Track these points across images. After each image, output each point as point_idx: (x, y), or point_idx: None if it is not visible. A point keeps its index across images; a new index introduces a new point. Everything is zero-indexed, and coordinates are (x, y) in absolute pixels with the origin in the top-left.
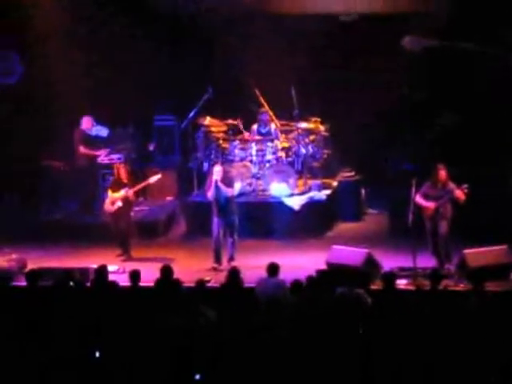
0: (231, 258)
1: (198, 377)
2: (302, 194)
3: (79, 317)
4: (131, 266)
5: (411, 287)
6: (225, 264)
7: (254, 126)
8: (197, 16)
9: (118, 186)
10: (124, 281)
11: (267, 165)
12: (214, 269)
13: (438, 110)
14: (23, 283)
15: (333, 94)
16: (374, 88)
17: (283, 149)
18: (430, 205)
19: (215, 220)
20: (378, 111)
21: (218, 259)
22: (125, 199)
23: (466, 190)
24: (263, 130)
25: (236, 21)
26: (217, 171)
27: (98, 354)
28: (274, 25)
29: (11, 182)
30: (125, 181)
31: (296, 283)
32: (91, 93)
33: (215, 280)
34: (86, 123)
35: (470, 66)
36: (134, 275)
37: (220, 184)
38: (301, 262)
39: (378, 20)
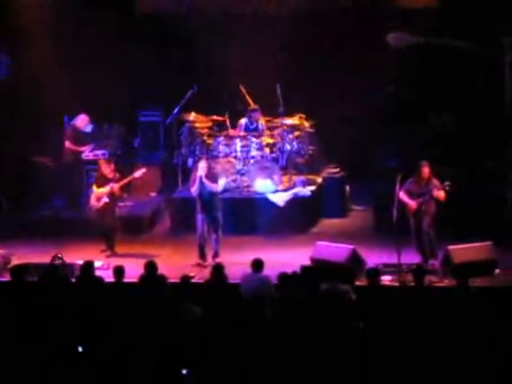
0: (216, 254)
1: (184, 372)
2: (287, 190)
3: (65, 312)
4: (116, 261)
5: (395, 283)
6: (209, 260)
7: (242, 121)
8: (180, 14)
9: (102, 181)
10: (109, 276)
11: (252, 161)
12: (199, 265)
13: (424, 107)
14: (8, 278)
15: (318, 90)
16: (360, 85)
17: (268, 145)
18: (412, 202)
19: (199, 216)
20: (363, 108)
21: (202, 255)
22: (110, 195)
23: (448, 188)
24: (251, 126)
25: (219, 18)
26: (201, 167)
27: (81, 349)
28: (258, 22)
29: None
30: (109, 176)
31: (282, 278)
32: (77, 89)
33: (199, 276)
34: (82, 121)
35: (456, 63)
36: (118, 271)
37: (204, 180)
38: (285, 258)
39: (364, 16)
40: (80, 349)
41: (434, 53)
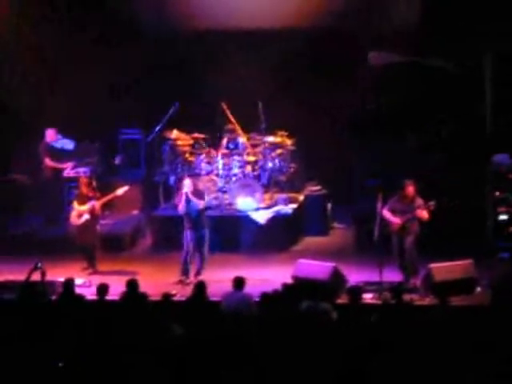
0: (198, 273)
1: None
2: (269, 207)
3: (46, 329)
4: (97, 279)
5: (377, 301)
6: (191, 278)
7: (223, 140)
8: (164, 33)
9: (83, 199)
10: (90, 294)
11: (233, 179)
12: (181, 282)
13: (404, 125)
14: None
15: (299, 108)
16: (341, 102)
17: (250, 163)
18: (397, 220)
19: (188, 232)
20: (344, 125)
21: (185, 272)
22: (92, 212)
23: (432, 207)
24: (232, 145)
25: (202, 37)
26: (187, 184)
27: (62, 366)
28: (240, 41)
29: None
30: (90, 194)
31: (263, 296)
32: (57, 106)
33: (181, 294)
34: (50, 135)
35: (436, 81)
36: (102, 289)
37: (191, 196)
38: (267, 276)
39: (344, 34)
40: (61, 365)
41: (415, 71)
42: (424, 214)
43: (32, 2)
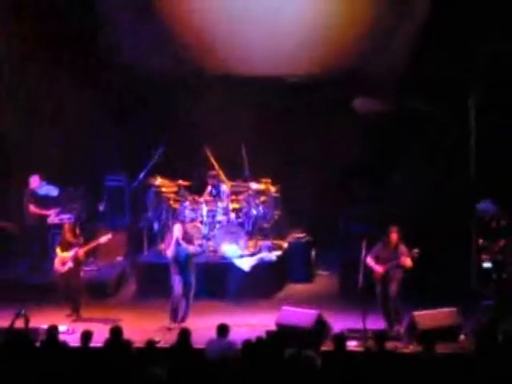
0: (183, 319)
1: None
2: (253, 254)
3: (29, 377)
4: (81, 326)
5: (361, 349)
6: (175, 324)
7: (206, 187)
8: (146, 77)
9: (67, 245)
10: (74, 341)
11: (218, 225)
12: (169, 329)
13: (388, 171)
14: None
15: (283, 155)
16: (325, 148)
17: (234, 210)
18: (379, 268)
19: (176, 278)
20: (328, 171)
21: (174, 317)
22: (75, 259)
23: (416, 255)
24: (214, 192)
25: (186, 82)
26: (177, 228)
27: None
28: (223, 85)
29: None
30: (73, 240)
31: (247, 344)
32: (42, 152)
33: (165, 341)
34: (34, 182)
35: (421, 127)
36: (86, 336)
37: (182, 241)
38: (251, 323)
39: (328, 81)
40: None
41: (400, 118)
42: (407, 262)
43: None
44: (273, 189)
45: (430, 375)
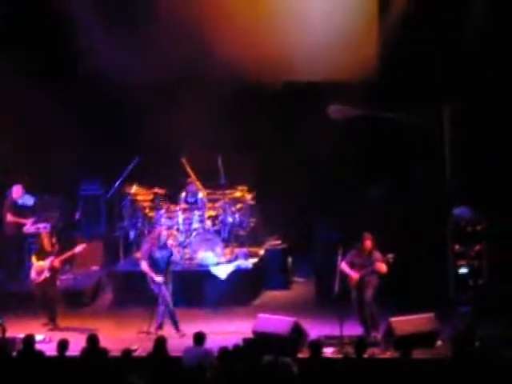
0: (160, 326)
1: None
2: (229, 262)
3: None
4: (58, 335)
5: (338, 355)
6: (153, 331)
7: (182, 195)
8: (122, 85)
9: (42, 254)
10: (50, 350)
11: (194, 233)
12: (183, 335)
13: (361, 178)
14: None
15: (260, 163)
16: (301, 155)
17: (210, 217)
18: (355, 274)
19: (162, 288)
20: (303, 179)
21: (177, 326)
22: (51, 268)
23: (391, 260)
24: (190, 200)
25: (162, 89)
26: (173, 234)
27: None
28: (200, 92)
29: None
30: (49, 249)
31: (223, 351)
32: (17, 160)
33: (142, 349)
34: (17, 192)
35: (396, 134)
36: (62, 345)
37: (173, 247)
38: (228, 330)
39: (305, 88)
40: None
41: (374, 125)
42: (382, 268)
43: None
44: (249, 196)
45: (407, 381)
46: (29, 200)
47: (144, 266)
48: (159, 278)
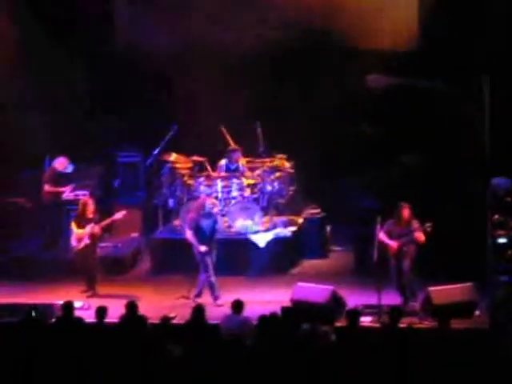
0: (199, 295)
1: None
2: (268, 230)
3: (46, 352)
4: (96, 302)
5: (375, 324)
6: (191, 300)
7: (222, 162)
8: (159, 52)
9: (83, 221)
10: (89, 317)
11: (233, 201)
12: (218, 305)
13: (399, 147)
14: None
15: (298, 131)
16: (336, 124)
17: (249, 186)
18: (393, 243)
19: (207, 257)
20: (340, 148)
21: (215, 297)
22: (91, 236)
23: (429, 229)
24: (232, 167)
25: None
26: (212, 203)
27: None
28: (234, 62)
29: None
30: (90, 216)
31: (262, 320)
32: (55, 129)
33: (180, 317)
34: (61, 164)
35: (432, 105)
36: (101, 311)
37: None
38: (266, 299)
39: (341, 54)
40: None
41: (412, 94)
42: (421, 237)
43: None
44: (287, 164)
45: (444, 351)
46: (67, 169)
47: (189, 235)
48: (203, 248)
